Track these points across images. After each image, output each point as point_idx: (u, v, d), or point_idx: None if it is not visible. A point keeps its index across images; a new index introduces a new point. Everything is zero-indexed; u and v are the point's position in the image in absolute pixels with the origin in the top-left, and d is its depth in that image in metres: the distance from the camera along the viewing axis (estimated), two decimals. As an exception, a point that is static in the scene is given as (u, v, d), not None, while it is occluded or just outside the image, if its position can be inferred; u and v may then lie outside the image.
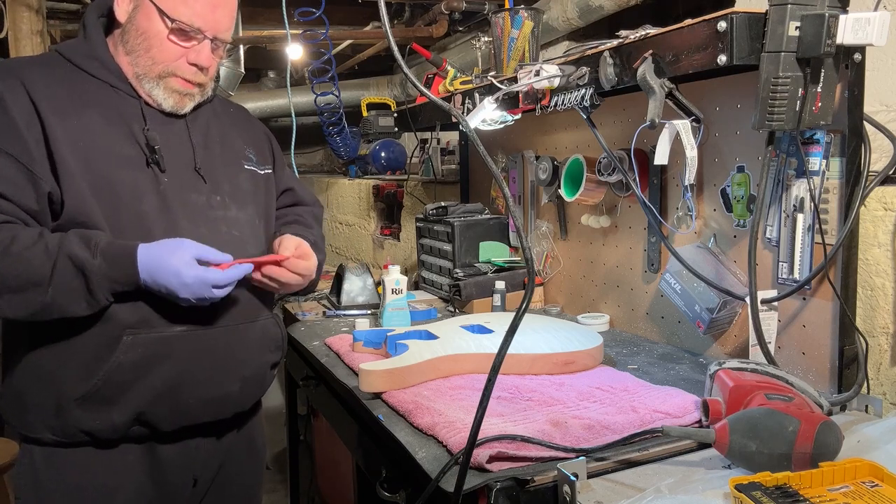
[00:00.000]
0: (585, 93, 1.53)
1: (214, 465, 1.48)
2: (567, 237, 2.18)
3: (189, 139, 1.40)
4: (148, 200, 1.30)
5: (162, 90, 1.35)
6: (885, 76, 1.59)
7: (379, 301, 2.25)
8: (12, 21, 2.98)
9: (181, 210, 1.34)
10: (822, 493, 0.92)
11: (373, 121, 4.42)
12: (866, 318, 1.41)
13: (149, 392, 1.30)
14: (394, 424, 1.32)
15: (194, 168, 1.39)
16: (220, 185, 1.42)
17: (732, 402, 1.16)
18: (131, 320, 1.28)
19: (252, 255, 1.41)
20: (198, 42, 1.33)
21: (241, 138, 1.53)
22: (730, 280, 1.54)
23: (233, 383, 1.40)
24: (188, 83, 1.36)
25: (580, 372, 1.56)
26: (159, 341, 1.30)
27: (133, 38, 1.32)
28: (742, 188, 1.55)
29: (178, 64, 1.34)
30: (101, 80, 1.33)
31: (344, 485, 1.90)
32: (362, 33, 3.98)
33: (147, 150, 1.32)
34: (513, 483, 1.05)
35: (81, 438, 1.31)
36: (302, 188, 1.72)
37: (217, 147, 1.45)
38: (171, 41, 1.32)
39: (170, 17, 1.29)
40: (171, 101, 1.36)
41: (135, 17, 1.32)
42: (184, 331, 1.32)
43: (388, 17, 0.96)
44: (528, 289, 0.98)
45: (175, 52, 1.33)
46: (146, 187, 1.31)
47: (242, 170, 1.48)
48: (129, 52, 1.33)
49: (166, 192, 1.33)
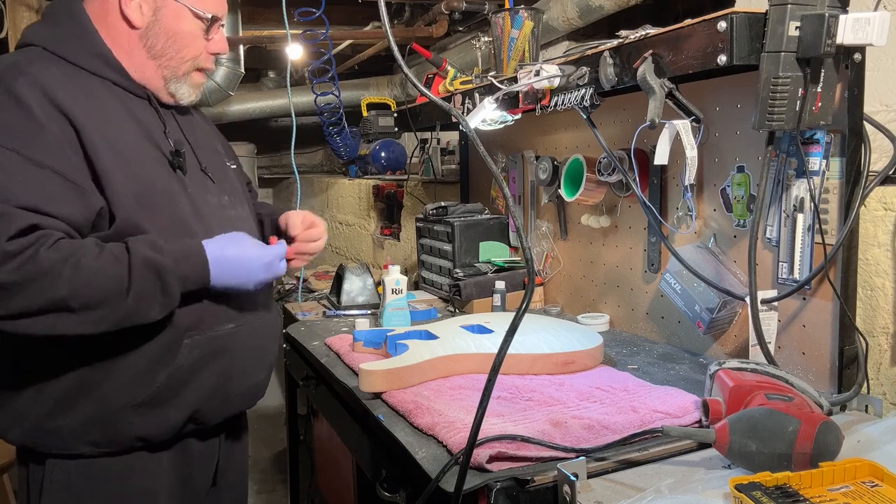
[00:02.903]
0: (585, 93, 1.53)
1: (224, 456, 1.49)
2: (567, 237, 2.18)
3: (185, 138, 1.39)
4: (182, 204, 1.29)
5: (187, 86, 1.35)
6: (885, 76, 1.59)
7: (379, 301, 2.25)
8: (12, 21, 2.98)
9: (207, 211, 1.34)
10: (822, 493, 0.92)
11: (373, 121, 4.42)
12: (866, 318, 1.41)
13: (204, 390, 1.31)
14: (394, 424, 1.32)
15: (201, 169, 1.38)
16: (223, 185, 1.43)
17: (732, 402, 1.16)
18: (188, 323, 1.27)
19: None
20: (218, 30, 1.35)
21: (213, 136, 1.53)
22: (730, 280, 1.54)
23: (264, 371, 1.46)
24: (204, 73, 1.38)
25: (580, 372, 1.56)
26: (214, 340, 1.31)
27: (162, 42, 1.29)
28: (742, 188, 1.55)
29: (204, 57, 1.35)
30: (103, 79, 1.27)
31: (344, 485, 1.90)
32: (362, 33, 3.98)
33: (171, 153, 1.30)
34: (513, 483, 1.05)
35: (134, 444, 1.28)
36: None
37: (206, 146, 1.45)
38: (201, 36, 1.31)
39: (204, 13, 1.30)
40: (192, 95, 1.37)
41: (159, 20, 1.28)
42: (233, 328, 1.34)
43: (388, 17, 0.96)
44: (528, 289, 0.98)
45: (202, 46, 1.33)
46: (177, 190, 1.29)
47: (228, 168, 1.50)
48: (157, 56, 1.30)
49: (193, 195, 1.32)
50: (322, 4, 2.49)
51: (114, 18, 1.27)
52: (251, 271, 1.29)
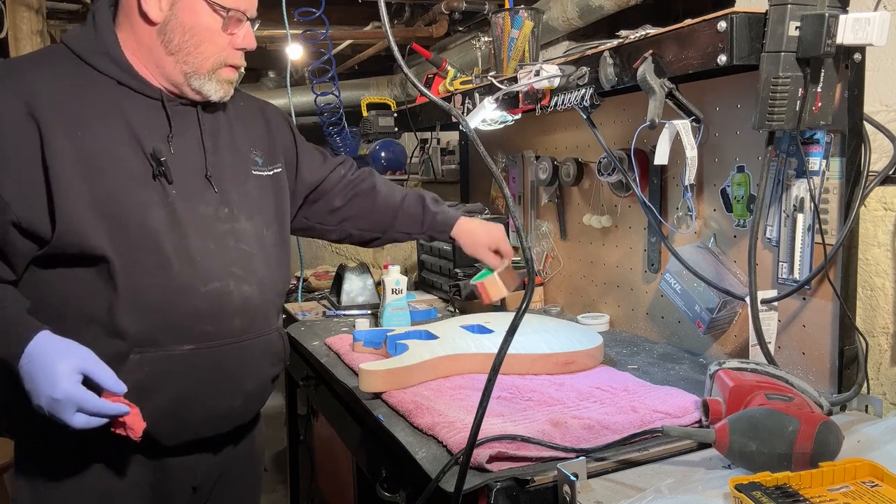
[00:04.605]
0: (585, 93, 1.53)
1: (214, 476, 1.45)
2: (567, 237, 2.18)
3: (201, 142, 1.34)
4: (154, 214, 1.25)
5: (214, 83, 1.32)
6: (885, 76, 1.59)
7: (379, 301, 2.25)
8: (12, 21, 2.97)
9: (190, 223, 1.29)
10: (822, 493, 0.92)
11: (373, 121, 4.41)
12: (866, 318, 1.41)
13: (152, 411, 1.25)
14: (394, 424, 1.32)
15: (205, 175, 1.33)
16: (229, 195, 1.36)
17: (732, 402, 1.16)
18: (139, 338, 1.24)
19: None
20: (241, 25, 1.32)
21: (248, 139, 1.45)
22: (730, 280, 1.54)
23: (236, 398, 1.37)
24: (234, 69, 1.35)
25: (580, 372, 1.56)
26: (165, 360, 1.26)
27: (178, 37, 1.27)
28: (742, 188, 1.55)
29: (228, 52, 1.32)
30: (108, 77, 1.27)
31: (344, 485, 1.90)
32: (362, 33, 3.97)
33: (153, 161, 1.26)
34: (513, 483, 1.05)
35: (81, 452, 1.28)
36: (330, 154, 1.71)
37: (226, 152, 1.39)
38: (221, 31, 1.29)
39: (223, 7, 1.27)
40: (221, 91, 1.34)
41: (176, 14, 1.26)
42: (191, 349, 1.27)
43: (388, 17, 0.96)
44: (528, 289, 0.98)
45: (224, 42, 1.30)
46: (153, 200, 1.25)
47: (250, 176, 1.42)
48: (175, 52, 1.28)
49: (174, 205, 1.27)
50: (322, 4, 2.49)
51: (135, 17, 1.28)
52: (38, 390, 1.12)
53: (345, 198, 1.67)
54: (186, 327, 1.27)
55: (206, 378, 1.31)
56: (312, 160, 1.64)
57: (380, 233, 1.72)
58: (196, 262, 1.28)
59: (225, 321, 1.30)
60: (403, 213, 1.70)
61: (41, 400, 1.11)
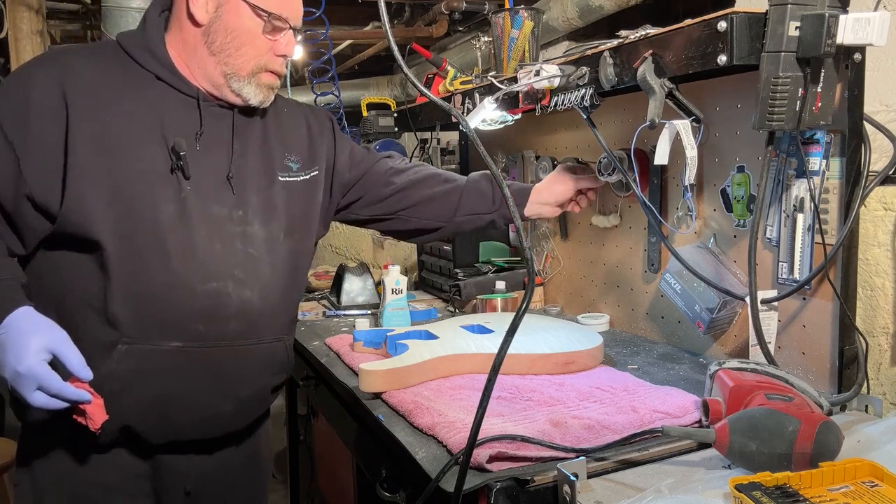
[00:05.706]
0: (585, 93, 1.53)
1: (210, 481, 1.44)
2: (567, 237, 2.18)
3: (230, 144, 1.35)
4: (164, 207, 1.26)
5: (254, 87, 1.33)
6: (885, 76, 1.59)
7: (379, 301, 2.25)
8: (12, 21, 2.97)
9: (199, 221, 1.28)
10: (822, 493, 0.92)
11: (373, 121, 4.41)
12: (866, 318, 1.41)
13: (136, 405, 1.26)
14: (394, 424, 1.32)
15: (226, 177, 1.33)
16: (247, 198, 1.35)
17: (732, 402, 1.16)
18: (130, 329, 1.24)
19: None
20: (283, 33, 1.33)
21: (284, 146, 1.44)
22: (730, 280, 1.54)
23: (226, 403, 1.35)
24: (275, 75, 1.36)
25: (580, 372, 1.56)
26: (152, 354, 1.26)
27: (221, 38, 1.29)
28: (742, 188, 1.55)
29: (269, 58, 1.33)
30: (147, 71, 1.30)
31: (344, 485, 1.90)
32: (362, 33, 3.98)
33: (172, 155, 1.27)
34: (513, 483, 1.05)
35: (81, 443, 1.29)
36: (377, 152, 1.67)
37: (255, 157, 1.39)
38: (262, 36, 1.30)
39: (265, 11, 1.29)
40: (261, 96, 1.35)
41: (220, 16, 1.29)
42: (178, 347, 1.27)
43: (388, 17, 0.96)
44: (528, 289, 0.98)
45: (265, 46, 1.32)
46: (165, 193, 1.26)
47: (276, 182, 1.40)
48: (217, 53, 1.30)
49: (186, 200, 1.28)
50: (322, 4, 2.49)
51: (183, 19, 1.31)
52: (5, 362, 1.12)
53: (396, 188, 1.62)
54: (177, 324, 1.27)
55: (192, 378, 1.30)
56: (353, 156, 1.61)
57: (444, 221, 1.65)
58: (198, 259, 1.28)
59: (218, 323, 1.30)
60: (468, 193, 1.65)
61: (6, 372, 1.12)
